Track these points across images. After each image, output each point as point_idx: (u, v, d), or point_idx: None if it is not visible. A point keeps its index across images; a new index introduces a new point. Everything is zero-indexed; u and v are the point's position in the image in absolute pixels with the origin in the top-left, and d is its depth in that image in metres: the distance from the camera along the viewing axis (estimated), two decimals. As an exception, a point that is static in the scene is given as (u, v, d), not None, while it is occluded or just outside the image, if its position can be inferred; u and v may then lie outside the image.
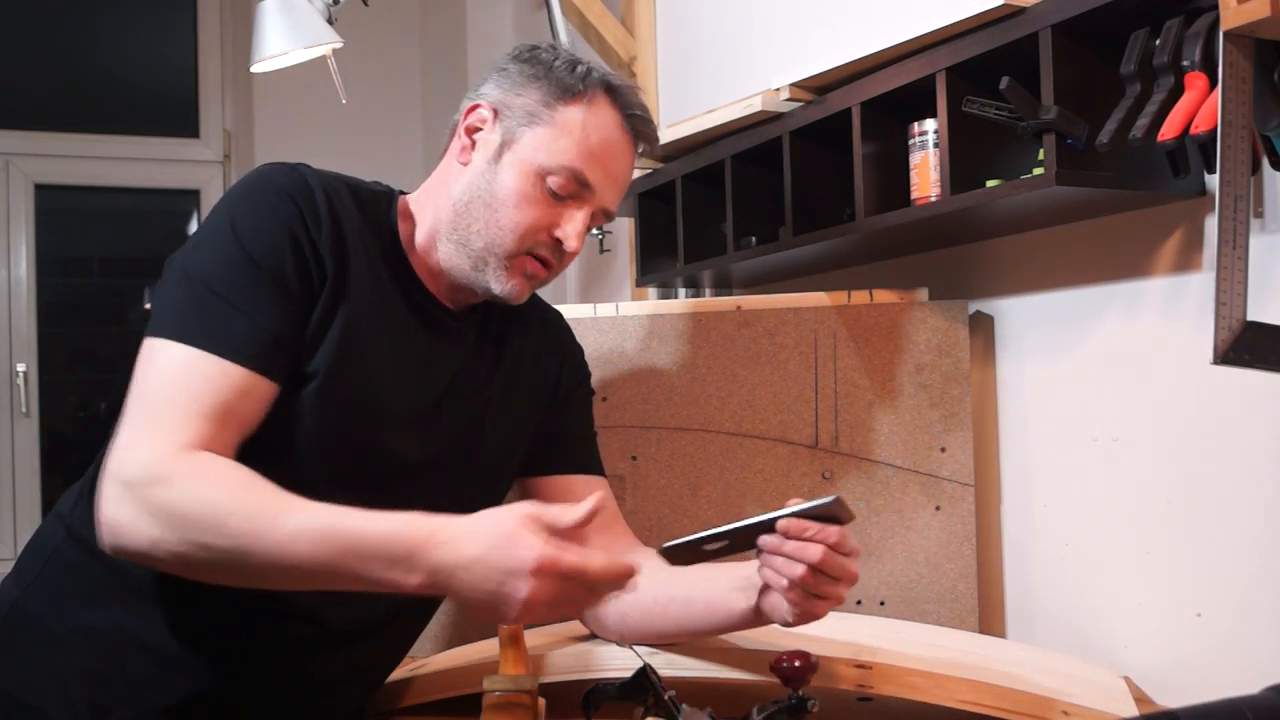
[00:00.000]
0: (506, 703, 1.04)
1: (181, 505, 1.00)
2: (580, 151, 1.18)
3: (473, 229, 1.19)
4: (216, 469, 1.03)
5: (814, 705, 1.05)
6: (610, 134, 1.20)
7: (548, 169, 1.18)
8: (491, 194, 1.19)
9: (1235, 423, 1.28)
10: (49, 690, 1.13)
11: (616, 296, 2.73)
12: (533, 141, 1.19)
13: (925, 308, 1.60)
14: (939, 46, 1.39)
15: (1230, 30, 1.08)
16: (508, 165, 1.19)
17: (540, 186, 1.18)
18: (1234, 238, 1.10)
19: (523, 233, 1.18)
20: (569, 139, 1.18)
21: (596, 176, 1.19)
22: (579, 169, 1.18)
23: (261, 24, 1.90)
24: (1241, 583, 1.28)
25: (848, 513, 1.07)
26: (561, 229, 1.19)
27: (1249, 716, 0.85)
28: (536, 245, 1.20)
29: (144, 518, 1.00)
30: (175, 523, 0.99)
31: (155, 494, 1.00)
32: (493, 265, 1.19)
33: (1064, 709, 1.17)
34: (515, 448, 1.32)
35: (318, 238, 1.13)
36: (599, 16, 2.44)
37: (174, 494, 1.00)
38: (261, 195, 1.13)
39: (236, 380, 1.06)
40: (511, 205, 1.18)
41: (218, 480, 1.01)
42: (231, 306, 1.08)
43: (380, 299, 1.19)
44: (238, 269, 1.09)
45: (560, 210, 1.19)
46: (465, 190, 1.20)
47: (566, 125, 1.18)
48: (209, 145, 3.86)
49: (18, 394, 3.57)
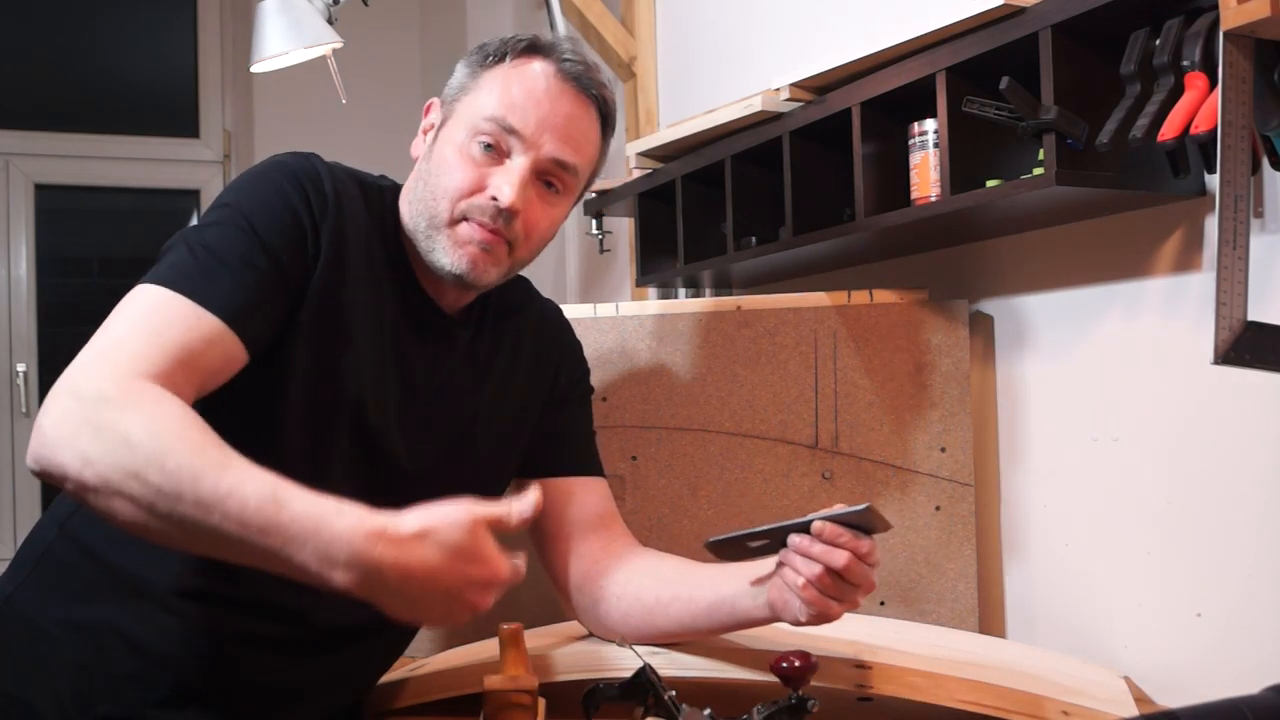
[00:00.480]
0: (506, 703, 1.04)
1: (127, 428, 0.94)
2: (502, 100, 1.17)
3: (418, 210, 1.19)
4: (171, 404, 0.98)
5: (814, 705, 1.05)
6: (537, 81, 1.18)
7: (474, 127, 1.16)
8: (429, 171, 1.19)
9: (1235, 423, 1.28)
10: (35, 683, 1.13)
11: (616, 296, 2.73)
12: (461, 111, 1.19)
13: (925, 308, 1.60)
14: (939, 46, 1.39)
15: (1230, 30, 1.08)
16: (443, 140, 1.19)
17: (471, 147, 1.16)
18: (1234, 238, 1.10)
19: (454, 195, 1.16)
20: (492, 95, 1.17)
21: (523, 121, 1.16)
22: (500, 115, 1.16)
23: (261, 24, 1.90)
24: (1241, 583, 1.28)
25: (883, 522, 1.08)
26: (492, 183, 1.16)
27: (1249, 716, 0.85)
28: (470, 209, 1.16)
29: (84, 434, 0.94)
30: (115, 444, 0.93)
31: (103, 412, 0.95)
32: (438, 240, 1.17)
33: (1064, 709, 1.17)
34: (511, 450, 1.32)
35: (320, 226, 1.13)
36: (599, 16, 2.44)
37: (123, 416, 0.95)
38: (270, 175, 1.14)
39: (206, 328, 1.04)
40: (444, 172, 1.17)
41: (169, 415, 0.96)
42: (220, 264, 1.07)
43: (374, 299, 1.18)
44: (234, 234, 1.09)
45: (493, 169, 1.17)
46: (414, 179, 1.21)
47: (489, 84, 1.18)
48: (209, 145, 3.86)
49: (18, 394, 3.57)
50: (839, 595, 1.08)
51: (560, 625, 1.44)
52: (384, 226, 1.21)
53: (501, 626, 1.11)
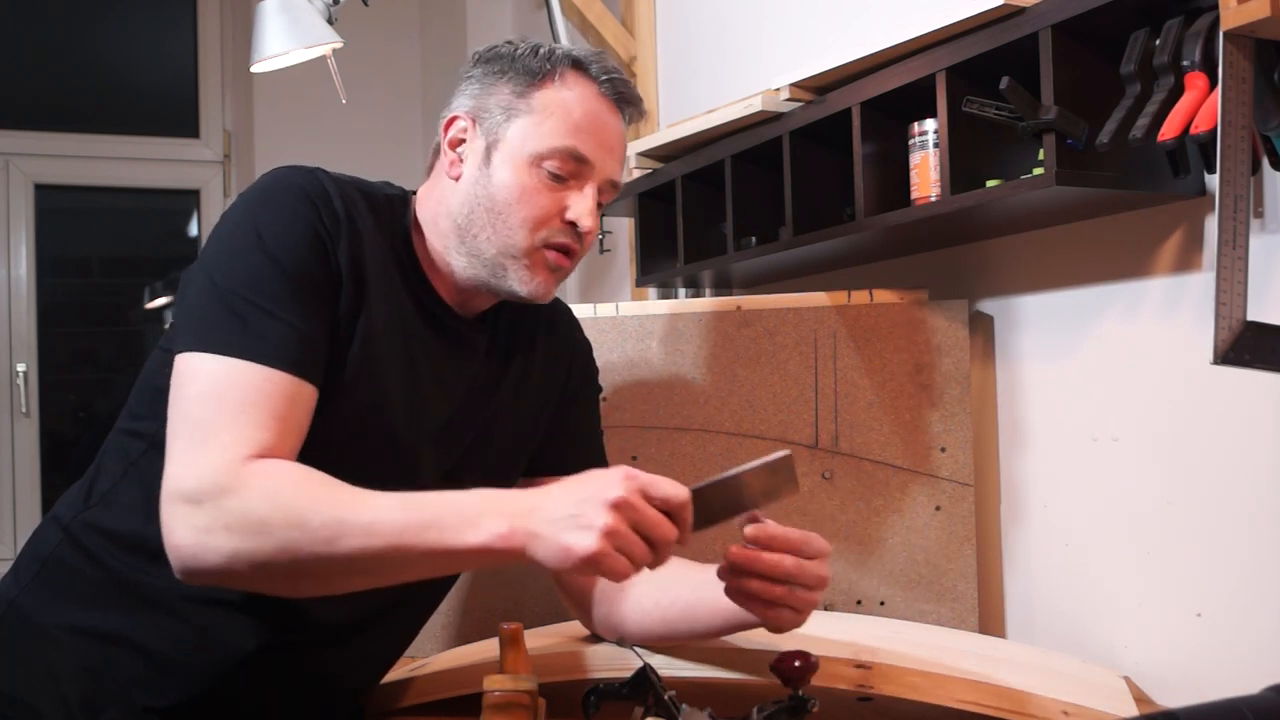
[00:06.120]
0: (506, 703, 1.04)
1: (259, 511, 0.98)
2: (567, 128, 1.17)
3: (481, 238, 1.17)
4: (283, 471, 1.01)
5: (814, 705, 1.05)
6: (591, 104, 1.19)
7: (540, 154, 1.16)
8: (491, 198, 1.17)
9: (1235, 423, 1.28)
10: (42, 688, 1.13)
11: (616, 296, 2.73)
12: (518, 134, 1.17)
13: (925, 308, 1.60)
14: (939, 46, 1.39)
15: (1230, 30, 1.08)
16: (500, 165, 1.17)
17: (538, 175, 1.16)
18: (1234, 238, 1.10)
19: (533, 225, 1.17)
20: (553, 120, 1.17)
21: (590, 148, 1.17)
22: (572, 146, 1.16)
23: (261, 24, 1.90)
24: (1241, 583, 1.28)
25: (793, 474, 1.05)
26: (571, 209, 1.17)
27: (1249, 716, 0.85)
28: (551, 234, 1.17)
29: (217, 532, 0.99)
30: (254, 529, 0.98)
31: (228, 505, 0.99)
32: (512, 268, 1.17)
33: (1064, 709, 1.17)
34: (524, 449, 1.32)
35: (337, 243, 1.12)
36: (599, 16, 2.44)
37: (249, 501, 0.99)
38: (281, 197, 1.11)
39: (282, 387, 1.05)
40: (515, 201, 1.16)
41: (288, 481, 1.00)
42: (265, 313, 1.06)
43: (396, 314, 1.17)
44: (267, 274, 1.07)
45: (564, 193, 1.17)
46: (464, 202, 1.18)
47: (546, 107, 1.17)
48: (209, 145, 3.86)
49: (18, 394, 3.56)
50: (796, 603, 1.08)
51: (560, 625, 1.44)
52: (394, 236, 1.20)
53: (501, 626, 1.11)
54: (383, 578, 1.03)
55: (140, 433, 1.17)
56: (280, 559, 0.98)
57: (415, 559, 0.99)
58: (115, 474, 1.18)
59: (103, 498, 1.18)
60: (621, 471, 0.98)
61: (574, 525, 0.96)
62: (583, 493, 0.97)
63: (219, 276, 1.08)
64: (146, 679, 1.13)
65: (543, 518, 0.97)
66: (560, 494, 0.99)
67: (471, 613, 1.62)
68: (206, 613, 1.13)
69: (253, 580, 1.02)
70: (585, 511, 0.96)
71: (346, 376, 1.12)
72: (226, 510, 0.99)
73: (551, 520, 0.97)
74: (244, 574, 1.00)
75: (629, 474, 0.98)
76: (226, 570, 1.00)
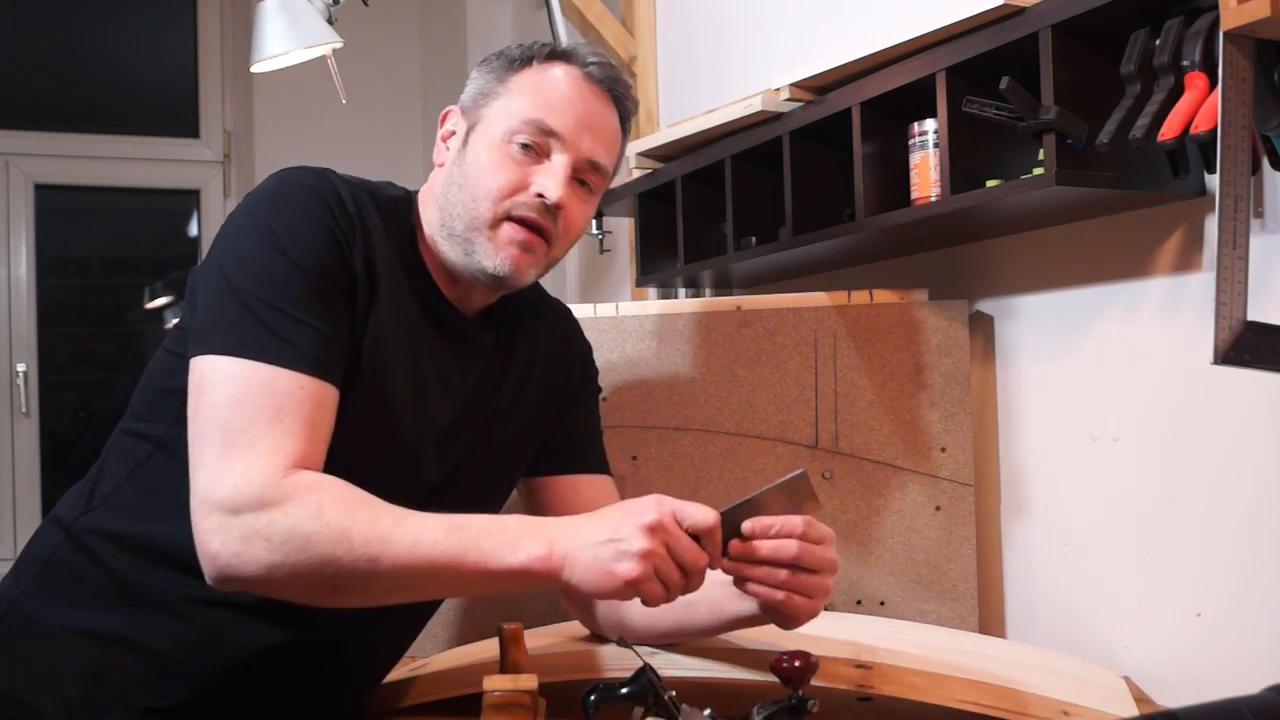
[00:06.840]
0: (506, 703, 1.04)
1: (303, 527, 0.99)
2: (538, 102, 1.17)
3: (453, 214, 1.18)
4: (325, 485, 1.02)
5: (814, 705, 1.05)
6: (567, 85, 1.19)
7: (511, 129, 1.16)
8: (464, 174, 1.18)
9: (1235, 423, 1.28)
10: (44, 689, 1.13)
11: (616, 296, 2.73)
12: (492, 115, 1.18)
13: (925, 308, 1.60)
14: (939, 46, 1.39)
15: (1230, 30, 1.08)
16: (475, 144, 1.18)
17: (507, 149, 1.16)
18: (1234, 238, 1.10)
19: (497, 195, 1.15)
20: (526, 97, 1.17)
21: (561, 122, 1.17)
22: (539, 117, 1.16)
23: (261, 24, 1.90)
24: (1241, 582, 1.28)
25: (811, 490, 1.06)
26: (537, 180, 1.16)
27: (1249, 716, 0.85)
28: (515, 205, 1.16)
29: (257, 543, 0.99)
30: (297, 544, 0.99)
31: (269, 518, 0.99)
32: (479, 242, 1.16)
33: (1064, 709, 1.17)
34: (523, 451, 1.32)
35: (352, 245, 1.12)
36: (599, 16, 2.44)
37: (292, 516, 0.99)
38: (294, 196, 1.11)
39: (310, 392, 1.05)
40: (483, 174, 1.16)
41: (330, 497, 1.01)
42: (285, 315, 1.05)
43: (403, 316, 1.17)
44: (285, 275, 1.06)
45: (534, 167, 1.17)
46: (444, 184, 1.20)
47: (520, 88, 1.18)
48: (209, 145, 3.86)
49: (18, 394, 3.56)
50: (806, 588, 1.06)
51: (560, 625, 1.44)
52: (400, 237, 1.20)
53: (501, 626, 1.11)
54: (421, 594, 1.05)
55: (145, 435, 1.17)
56: (322, 573, 0.99)
57: (455, 579, 1.01)
58: (119, 476, 1.18)
59: (106, 499, 1.18)
60: (654, 498, 1.01)
61: (613, 550, 0.98)
62: (619, 517, 1.00)
63: (234, 278, 1.07)
64: (148, 679, 1.13)
65: (581, 542, 1.00)
66: (597, 518, 1.01)
67: (471, 613, 1.63)
68: (210, 614, 1.13)
69: (289, 591, 1.02)
70: (623, 535, 0.98)
71: (356, 379, 1.12)
72: (268, 523, 0.99)
73: (590, 545, 0.99)
74: (281, 585, 1.01)
75: (661, 500, 1.01)
76: (264, 581, 1.00)
